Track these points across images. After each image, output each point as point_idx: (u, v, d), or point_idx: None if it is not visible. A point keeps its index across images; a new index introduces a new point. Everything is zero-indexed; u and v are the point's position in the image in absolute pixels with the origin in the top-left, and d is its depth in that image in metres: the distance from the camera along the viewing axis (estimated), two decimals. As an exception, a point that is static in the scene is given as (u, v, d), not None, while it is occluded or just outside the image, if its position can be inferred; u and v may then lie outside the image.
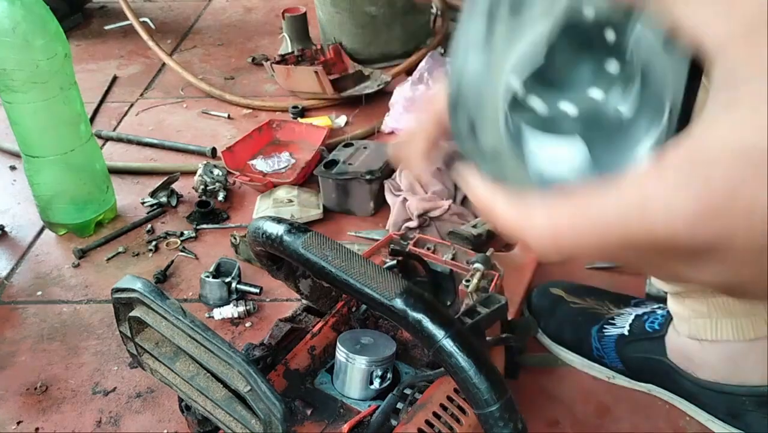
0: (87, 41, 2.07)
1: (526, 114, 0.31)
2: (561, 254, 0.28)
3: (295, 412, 0.70)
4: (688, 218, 0.24)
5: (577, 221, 0.27)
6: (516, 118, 0.31)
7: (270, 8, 2.21)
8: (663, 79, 0.28)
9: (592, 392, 0.93)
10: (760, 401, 0.81)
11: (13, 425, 0.93)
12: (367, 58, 1.75)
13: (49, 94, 1.12)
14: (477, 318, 0.68)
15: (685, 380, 0.86)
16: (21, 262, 1.23)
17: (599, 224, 0.26)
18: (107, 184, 1.29)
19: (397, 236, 0.92)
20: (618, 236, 0.26)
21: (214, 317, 1.06)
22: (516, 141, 0.30)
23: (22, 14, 1.06)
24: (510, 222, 0.29)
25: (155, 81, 1.83)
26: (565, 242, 0.27)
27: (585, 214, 0.26)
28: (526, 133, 0.31)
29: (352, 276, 0.60)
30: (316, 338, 0.76)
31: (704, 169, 0.24)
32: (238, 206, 1.33)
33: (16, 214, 1.35)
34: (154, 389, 0.96)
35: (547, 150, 0.30)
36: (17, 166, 1.46)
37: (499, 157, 0.30)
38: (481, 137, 0.30)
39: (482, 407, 0.53)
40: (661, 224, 0.25)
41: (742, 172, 0.24)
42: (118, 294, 0.64)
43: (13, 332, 1.08)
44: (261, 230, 0.66)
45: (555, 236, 0.27)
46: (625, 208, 0.25)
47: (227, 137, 1.54)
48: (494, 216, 0.30)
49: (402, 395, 0.68)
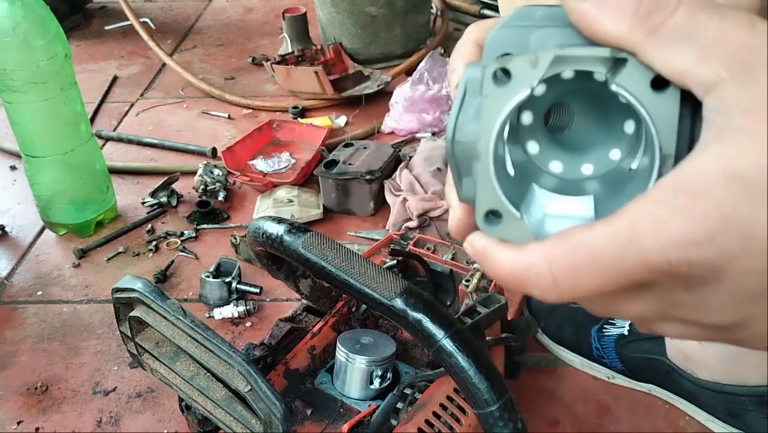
0: (87, 41, 2.07)
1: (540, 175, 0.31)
2: (562, 296, 0.27)
3: (295, 412, 0.70)
4: (679, 244, 0.24)
5: (572, 260, 0.26)
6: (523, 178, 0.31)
7: (270, 8, 2.21)
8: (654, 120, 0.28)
9: (591, 391, 0.93)
10: (760, 401, 0.81)
11: (13, 425, 0.93)
12: (367, 58, 1.75)
13: (50, 95, 1.12)
14: (477, 318, 0.68)
15: (685, 380, 0.86)
16: (21, 262, 1.23)
17: (594, 259, 0.26)
18: (107, 184, 1.29)
19: (397, 236, 0.92)
20: (613, 269, 0.26)
21: (215, 316, 1.07)
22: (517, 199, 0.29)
23: (23, 14, 1.06)
24: (509, 270, 0.28)
25: (155, 81, 1.83)
26: (564, 283, 0.27)
27: (579, 251, 0.26)
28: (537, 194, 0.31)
29: (352, 276, 0.60)
30: (316, 337, 0.76)
31: (694, 196, 0.24)
32: (238, 206, 1.33)
33: (17, 215, 1.35)
34: (155, 388, 0.96)
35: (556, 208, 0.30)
36: (17, 166, 1.46)
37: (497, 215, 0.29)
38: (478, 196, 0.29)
39: (482, 407, 0.53)
40: (653, 255, 0.25)
41: (734, 196, 0.24)
42: (119, 294, 0.64)
43: (13, 332, 1.08)
44: (261, 230, 0.66)
45: (554, 277, 0.27)
46: (615, 240, 0.25)
47: (227, 137, 1.54)
48: (492, 266, 0.29)
49: (402, 394, 0.68)
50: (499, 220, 0.29)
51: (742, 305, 0.26)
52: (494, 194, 0.29)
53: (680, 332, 0.29)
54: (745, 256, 0.24)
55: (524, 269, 0.28)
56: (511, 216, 0.29)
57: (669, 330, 0.30)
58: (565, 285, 0.27)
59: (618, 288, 0.26)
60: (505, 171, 0.30)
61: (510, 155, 0.30)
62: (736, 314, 0.26)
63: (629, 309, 0.29)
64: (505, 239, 0.29)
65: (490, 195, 0.29)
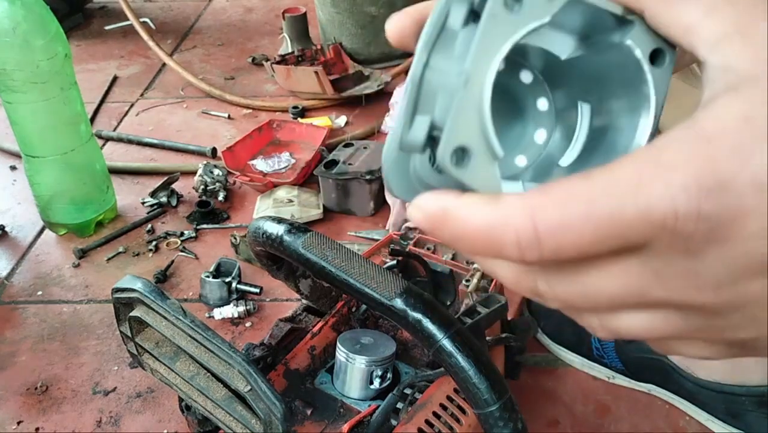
0: (87, 41, 2.07)
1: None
2: (543, 255, 0.24)
3: (295, 412, 0.70)
4: (690, 193, 0.22)
5: (563, 210, 0.23)
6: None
7: (270, 8, 2.21)
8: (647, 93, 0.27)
9: (592, 391, 0.93)
10: (760, 401, 0.81)
11: (13, 425, 0.93)
12: (367, 58, 1.75)
13: (50, 95, 1.12)
14: (477, 318, 0.68)
15: (685, 380, 0.86)
16: (21, 262, 1.23)
17: (589, 211, 0.23)
18: (107, 184, 1.29)
19: (397, 236, 0.92)
20: (610, 222, 0.23)
21: (214, 317, 1.07)
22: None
23: (23, 14, 1.06)
24: (478, 226, 0.24)
25: (155, 81, 1.83)
26: (549, 239, 0.23)
27: (572, 201, 0.23)
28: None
29: (352, 276, 0.60)
30: (316, 337, 0.76)
31: (707, 142, 0.22)
32: (238, 206, 1.33)
33: (17, 215, 1.35)
34: (155, 389, 0.96)
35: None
36: (17, 166, 1.46)
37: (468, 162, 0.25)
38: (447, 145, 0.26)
39: (482, 407, 0.53)
40: (659, 202, 0.22)
41: (751, 142, 0.21)
42: (119, 294, 0.64)
43: (13, 332, 1.08)
44: (261, 230, 0.66)
45: (537, 232, 0.23)
46: (618, 190, 0.22)
47: (227, 137, 1.54)
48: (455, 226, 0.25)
49: (402, 394, 0.68)
50: (468, 159, 0.25)
51: (742, 279, 0.23)
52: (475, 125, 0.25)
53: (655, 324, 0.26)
54: (758, 212, 0.22)
55: (500, 224, 0.24)
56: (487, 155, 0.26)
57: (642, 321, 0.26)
58: (550, 242, 0.23)
59: (607, 249, 0.23)
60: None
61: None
62: (732, 291, 0.23)
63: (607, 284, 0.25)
64: (469, 184, 0.25)
65: (469, 126, 0.25)
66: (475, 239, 0.25)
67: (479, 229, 0.24)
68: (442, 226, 0.25)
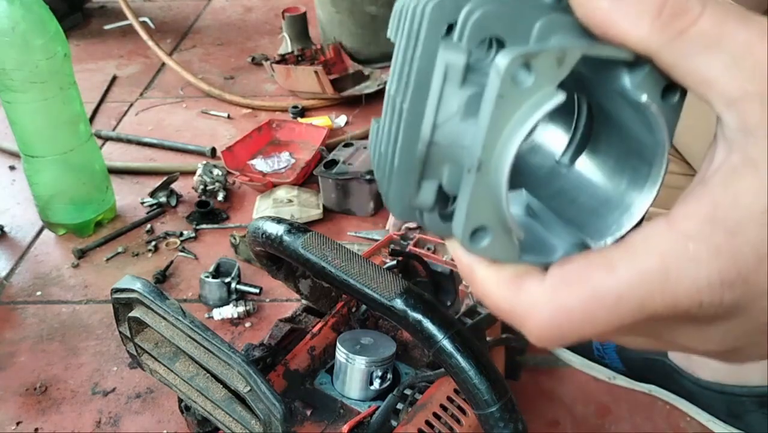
0: (86, 41, 2.07)
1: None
2: (564, 340, 0.24)
3: (295, 412, 0.70)
4: (714, 285, 0.22)
5: (588, 307, 0.23)
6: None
7: (270, 8, 2.21)
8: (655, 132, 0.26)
9: (592, 392, 0.93)
10: (761, 402, 0.81)
11: (12, 425, 0.93)
12: (367, 58, 1.75)
13: (49, 94, 1.12)
14: (477, 318, 0.68)
15: (686, 381, 0.86)
16: (20, 262, 1.23)
17: (616, 303, 0.23)
18: (107, 184, 1.29)
19: (397, 236, 0.92)
20: (636, 312, 0.23)
21: (214, 317, 1.06)
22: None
23: (22, 14, 1.06)
24: (503, 307, 0.25)
25: (155, 81, 1.83)
26: (572, 327, 0.24)
27: (598, 294, 0.23)
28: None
29: (352, 276, 0.60)
30: (316, 338, 0.76)
31: (733, 233, 0.22)
32: (237, 206, 1.33)
33: (16, 215, 1.35)
34: (154, 389, 0.96)
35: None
36: (17, 166, 1.46)
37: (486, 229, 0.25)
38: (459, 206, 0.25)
39: (482, 408, 0.53)
40: (685, 296, 0.23)
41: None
42: (118, 294, 0.64)
43: (12, 333, 1.08)
44: (261, 230, 0.66)
45: (560, 322, 0.24)
46: (645, 282, 0.23)
47: (227, 137, 1.54)
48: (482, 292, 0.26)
49: (402, 395, 0.68)
50: (486, 237, 0.25)
51: (748, 337, 0.25)
52: (492, 209, 0.25)
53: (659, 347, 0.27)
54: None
55: (521, 313, 0.25)
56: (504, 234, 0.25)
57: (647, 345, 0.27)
58: (572, 336, 0.24)
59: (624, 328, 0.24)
60: None
61: None
62: (738, 344, 0.25)
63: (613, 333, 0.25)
64: (488, 257, 0.26)
65: (486, 210, 0.25)
66: (498, 312, 0.26)
67: (502, 309, 0.25)
68: (468, 280, 0.26)
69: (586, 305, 0.23)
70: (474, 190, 0.24)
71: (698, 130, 0.62)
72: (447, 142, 0.25)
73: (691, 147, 0.94)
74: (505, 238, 0.25)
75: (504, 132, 0.24)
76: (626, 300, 0.23)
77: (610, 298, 0.23)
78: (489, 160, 0.24)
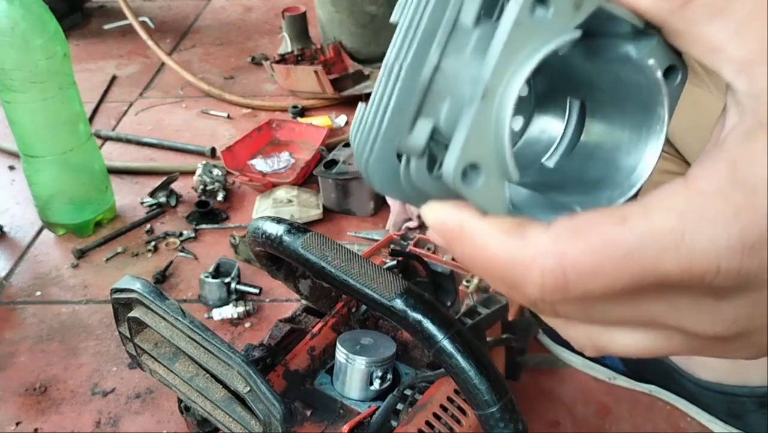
0: (86, 41, 2.07)
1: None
2: (566, 293, 0.22)
3: (295, 413, 0.70)
4: (735, 249, 0.21)
5: (597, 257, 0.22)
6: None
7: (270, 8, 2.20)
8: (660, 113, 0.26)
9: (592, 392, 0.93)
10: (761, 402, 0.81)
11: (12, 425, 0.93)
12: (367, 57, 1.75)
13: (48, 94, 1.12)
14: (477, 319, 0.68)
15: (687, 381, 0.86)
16: (20, 262, 1.23)
17: (626, 257, 0.22)
18: (106, 184, 1.28)
19: (397, 236, 0.92)
20: (647, 271, 0.22)
21: (214, 317, 1.06)
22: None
23: (21, 14, 1.06)
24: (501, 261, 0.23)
25: (154, 80, 1.83)
26: (578, 282, 0.22)
27: (607, 248, 0.22)
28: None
29: (352, 276, 0.60)
30: (316, 338, 0.76)
31: (752, 191, 0.21)
32: (237, 206, 1.33)
33: (15, 215, 1.34)
34: (154, 389, 0.96)
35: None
36: (16, 166, 1.46)
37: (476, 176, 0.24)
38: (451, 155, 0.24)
39: (483, 408, 0.53)
40: (702, 258, 0.21)
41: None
42: (117, 294, 0.64)
43: (12, 333, 1.08)
44: (261, 230, 0.66)
45: (565, 271, 0.22)
46: (658, 242, 0.21)
47: (226, 137, 1.54)
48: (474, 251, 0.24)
49: (402, 395, 0.68)
50: (477, 177, 0.24)
51: (763, 317, 0.23)
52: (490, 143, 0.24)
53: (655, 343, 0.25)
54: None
55: (524, 263, 0.23)
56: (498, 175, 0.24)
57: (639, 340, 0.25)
58: (578, 287, 0.22)
59: (631, 290, 0.23)
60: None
61: None
62: (750, 326, 0.24)
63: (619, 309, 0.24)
64: (476, 203, 0.24)
65: (483, 144, 0.24)
66: (494, 269, 0.23)
67: (500, 261, 0.23)
68: (455, 242, 0.24)
69: (595, 255, 0.22)
70: (475, 120, 0.23)
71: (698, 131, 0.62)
72: (452, 72, 0.25)
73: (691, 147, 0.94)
74: (499, 183, 0.24)
75: (516, 59, 0.23)
76: (638, 256, 0.22)
77: (620, 250, 0.22)
78: (496, 88, 0.23)
